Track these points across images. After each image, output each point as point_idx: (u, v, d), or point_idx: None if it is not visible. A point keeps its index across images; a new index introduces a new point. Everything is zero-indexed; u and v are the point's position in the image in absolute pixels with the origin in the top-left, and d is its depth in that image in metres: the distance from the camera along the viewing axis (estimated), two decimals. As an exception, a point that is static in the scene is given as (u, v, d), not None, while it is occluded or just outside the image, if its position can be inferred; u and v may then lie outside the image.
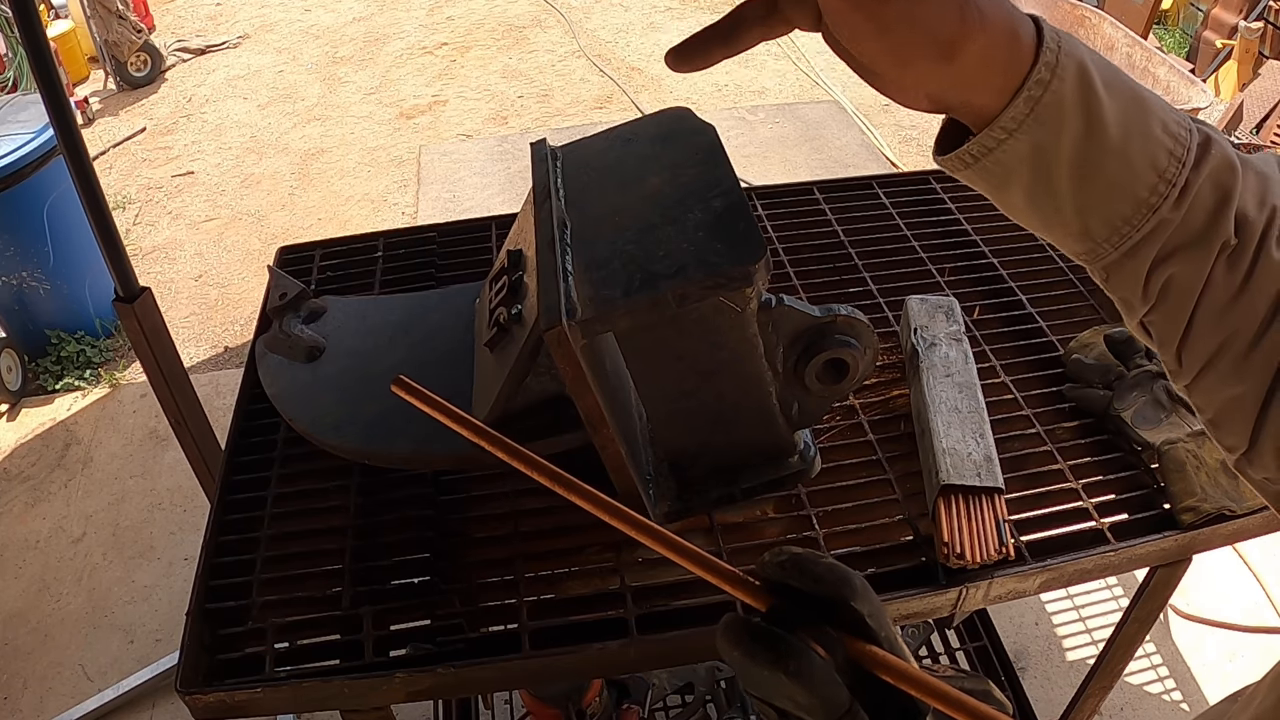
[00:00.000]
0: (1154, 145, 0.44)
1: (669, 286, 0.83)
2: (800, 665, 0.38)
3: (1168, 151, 0.44)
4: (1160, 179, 0.44)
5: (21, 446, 2.90)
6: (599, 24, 5.78)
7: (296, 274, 1.40)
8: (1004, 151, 0.44)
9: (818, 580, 0.41)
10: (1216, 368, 0.46)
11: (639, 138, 1.05)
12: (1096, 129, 0.43)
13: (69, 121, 1.46)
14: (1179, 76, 3.56)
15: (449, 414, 0.44)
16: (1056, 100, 0.42)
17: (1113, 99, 0.43)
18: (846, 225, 1.52)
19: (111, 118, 4.99)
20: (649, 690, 1.67)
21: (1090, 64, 0.43)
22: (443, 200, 4.10)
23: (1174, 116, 0.45)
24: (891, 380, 1.22)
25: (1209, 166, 0.44)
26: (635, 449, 0.98)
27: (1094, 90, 0.43)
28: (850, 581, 0.41)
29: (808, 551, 0.42)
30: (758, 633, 0.40)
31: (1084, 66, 0.43)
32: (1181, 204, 0.44)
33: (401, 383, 0.45)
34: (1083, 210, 0.45)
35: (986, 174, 0.45)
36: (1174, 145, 0.44)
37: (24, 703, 2.15)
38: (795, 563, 0.41)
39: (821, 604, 0.41)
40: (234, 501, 1.12)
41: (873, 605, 0.41)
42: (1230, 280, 0.45)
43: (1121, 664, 1.31)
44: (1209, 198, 0.44)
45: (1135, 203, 0.44)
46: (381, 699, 0.95)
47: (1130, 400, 1.10)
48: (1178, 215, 0.44)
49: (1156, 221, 0.44)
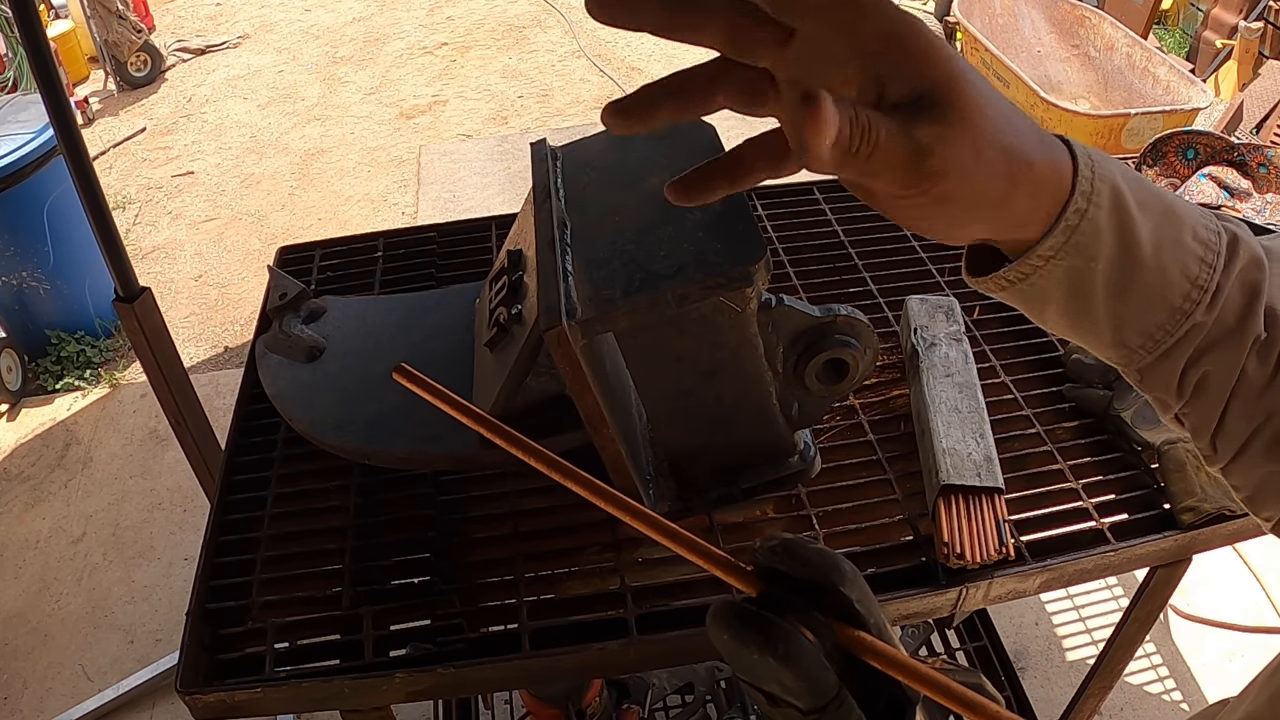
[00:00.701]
0: (1186, 254, 0.45)
1: (669, 286, 0.83)
2: (788, 649, 0.39)
3: (1199, 259, 0.45)
4: (1193, 286, 0.45)
5: (21, 446, 2.90)
6: (599, 24, 5.77)
7: (296, 274, 1.40)
8: (1040, 277, 0.44)
9: (807, 565, 0.41)
10: (1251, 451, 0.47)
11: (639, 137, 1.05)
12: (1131, 248, 0.44)
13: (69, 121, 1.46)
14: (1179, 76, 3.56)
15: (449, 401, 0.44)
16: (1093, 227, 0.43)
17: (1146, 217, 0.44)
18: (846, 225, 1.52)
19: (111, 118, 4.99)
20: (649, 690, 1.67)
21: (1123, 184, 0.44)
22: (443, 200, 4.10)
23: (1203, 221, 0.46)
24: (891, 380, 1.22)
25: (1238, 266, 0.45)
26: (635, 449, 0.98)
27: (1128, 212, 0.44)
28: (839, 566, 0.41)
29: (798, 537, 0.43)
30: (747, 617, 0.40)
31: (1117, 189, 0.44)
32: (1214, 307, 0.45)
33: (404, 370, 0.45)
34: (1118, 322, 0.46)
35: (1022, 296, 0.46)
36: (1204, 251, 0.45)
37: (24, 703, 2.15)
38: (785, 548, 0.42)
39: (811, 590, 0.41)
40: (234, 501, 1.12)
41: (861, 591, 0.41)
42: (1262, 371, 0.46)
43: (1121, 664, 1.31)
44: (1239, 297, 0.45)
45: (1169, 311, 0.45)
46: (381, 699, 0.95)
47: (1130, 400, 1.10)
48: (1210, 318, 0.45)
49: (1190, 326, 0.45)
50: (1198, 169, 1.34)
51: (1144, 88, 3.70)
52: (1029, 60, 3.95)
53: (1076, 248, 0.43)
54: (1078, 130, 3.42)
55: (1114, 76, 3.87)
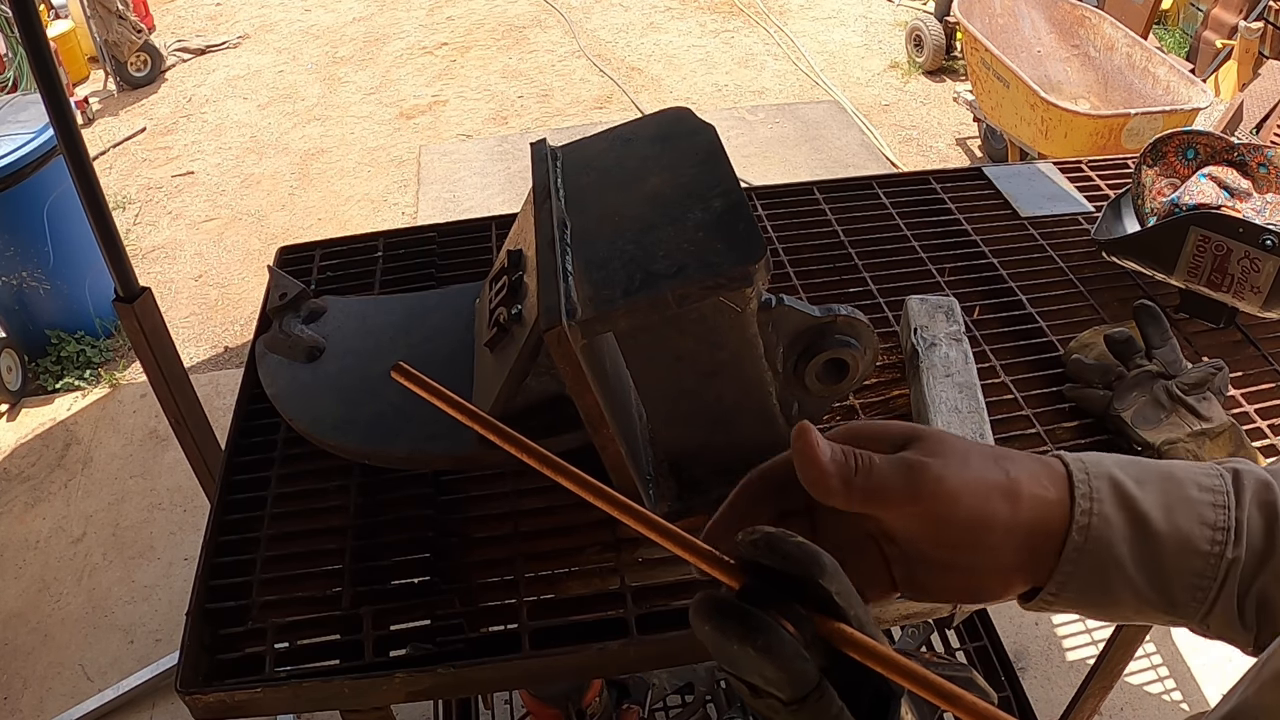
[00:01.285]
0: (1198, 507, 0.49)
1: (669, 286, 0.83)
2: (768, 641, 0.40)
3: (1210, 504, 0.49)
4: (1214, 530, 0.48)
5: (21, 446, 2.90)
6: (599, 24, 5.78)
7: (296, 274, 1.40)
8: (1075, 580, 0.48)
9: (787, 558, 0.42)
10: None
11: (639, 138, 1.05)
12: (1144, 524, 0.48)
13: (69, 121, 1.46)
14: (1179, 76, 3.56)
15: (447, 400, 0.45)
16: (1103, 521, 0.48)
17: (1147, 491, 0.49)
18: (846, 225, 1.52)
19: (111, 118, 4.99)
20: (649, 690, 1.67)
21: (1118, 471, 0.49)
22: (443, 200, 4.10)
23: (1201, 472, 0.50)
24: (891, 380, 1.22)
25: (1248, 495, 0.49)
26: (635, 449, 0.98)
27: (1129, 493, 0.48)
28: (818, 560, 0.42)
29: (779, 530, 0.43)
30: (727, 609, 0.41)
31: (1114, 479, 0.49)
32: (1240, 539, 0.48)
33: (402, 369, 0.45)
34: (1161, 587, 0.49)
35: (1070, 603, 0.50)
36: (1213, 497, 0.49)
37: (24, 703, 2.15)
38: (766, 541, 0.43)
39: (793, 583, 0.42)
40: (234, 501, 1.12)
41: (841, 584, 0.42)
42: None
43: (1121, 664, 1.32)
44: (1260, 520, 0.49)
45: (1201, 558, 0.48)
46: (381, 699, 0.95)
47: (1130, 400, 1.10)
48: (1241, 550, 0.48)
49: (1226, 565, 0.48)
50: (1198, 169, 1.34)
51: (1144, 88, 3.70)
52: (1029, 60, 3.95)
53: (1096, 543, 0.47)
54: (1078, 130, 3.42)
55: (1114, 76, 3.87)
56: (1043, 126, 3.55)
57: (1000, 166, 1.71)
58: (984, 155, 4.29)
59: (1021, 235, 1.50)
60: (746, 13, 5.83)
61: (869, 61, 5.25)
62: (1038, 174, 1.66)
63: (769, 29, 5.61)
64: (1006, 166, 1.72)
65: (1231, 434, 1.06)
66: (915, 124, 4.63)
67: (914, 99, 4.85)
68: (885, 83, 5.02)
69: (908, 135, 4.53)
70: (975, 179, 1.65)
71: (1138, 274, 1.36)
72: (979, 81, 3.94)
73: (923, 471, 0.46)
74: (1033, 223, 1.53)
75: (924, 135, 4.54)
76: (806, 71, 5.12)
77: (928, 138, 4.53)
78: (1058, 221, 1.53)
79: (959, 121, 4.58)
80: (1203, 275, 1.24)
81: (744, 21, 5.75)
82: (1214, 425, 1.06)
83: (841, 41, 5.48)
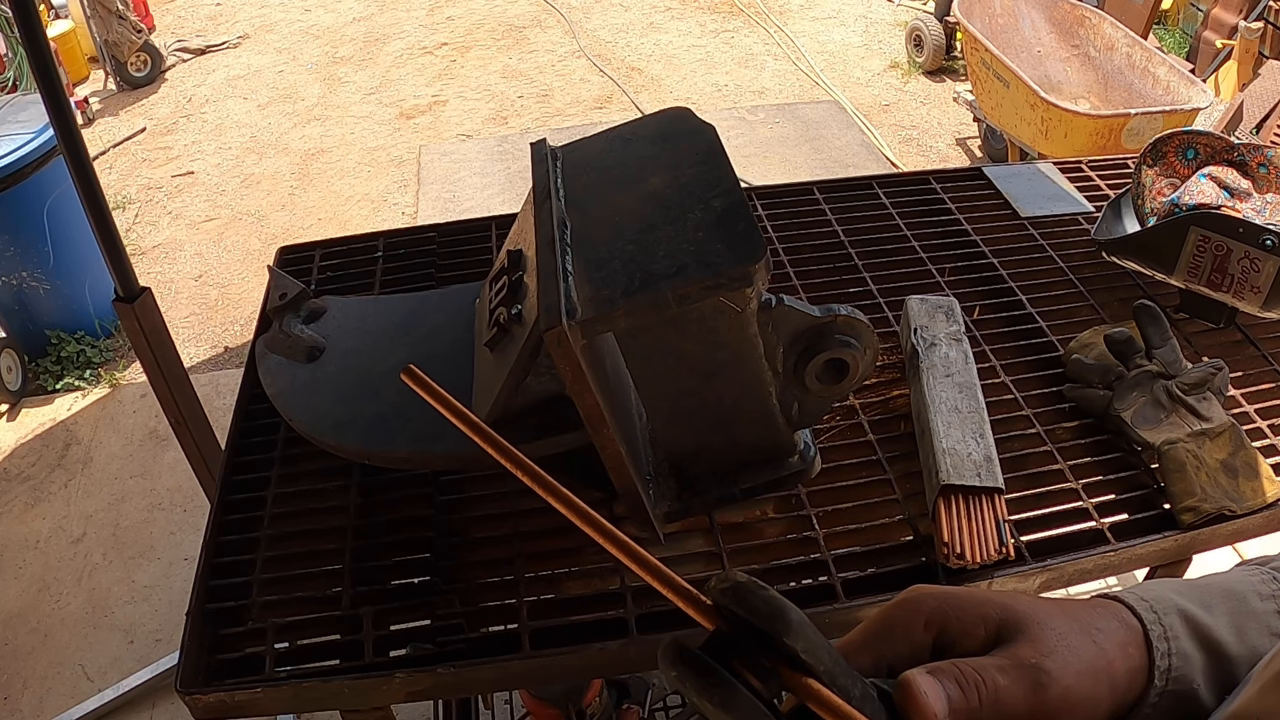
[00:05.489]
0: (1264, 619, 0.49)
1: (669, 286, 0.83)
2: (724, 697, 0.39)
3: (1274, 612, 0.49)
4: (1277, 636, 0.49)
5: (21, 446, 2.90)
6: (599, 24, 5.78)
7: (296, 274, 1.40)
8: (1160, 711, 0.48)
9: (753, 613, 0.41)
10: None
11: (639, 138, 1.05)
12: (1218, 651, 0.48)
13: (69, 121, 1.46)
14: (1179, 76, 3.56)
15: (453, 410, 0.44)
16: (1183, 659, 0.47)
17: (1215, 615, 0.48)
18: (846, 225, 1.52)
19: (111, 118, 4.99)
20: (649, 690, 1.67)
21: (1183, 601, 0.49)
22: (443, 200, 4.10)
23: (1257, 577, 0.51)
24: (891, 380, 1.22)
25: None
26: (635, 449, 0.98)
27: (1200, 624, 0.48)
28: (784, 616, 0.41)
29: (750, 581, 0.42)
30: (688, 659, 0.40)
31: (1183, 610, 0.48)
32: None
33: (411, 373, 0.45)
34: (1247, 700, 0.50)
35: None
36: (1275, 604, 0.49)
37: (24, 703, 2.15)
38: (735, 592, 0.42)
39: (763, 633, 0.42)
40: (234, 501, 1.12)
41: (807, 641, 0.41)
42: None
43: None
44: None
45: None
46: (381, 699, 0.95)
47: (1130, 400, 1.10)
48: None
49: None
50: (1198, 169, 1.34)
51: (1144, 88, 3.70)
52: (1029, 60, 3.95)
53: (1177, 683, 0.47)
54: (1078, 130, 3.42)
55: (1114, 76, 3.87)
56: (1043, 126, 3.55)
57: (1000, 166, 1.71)
58: (984, 155, 4.29)
59: (1021, 235, 1.50)
60: (746, 13, 5.83)
61: (869, 61, 5.25)
62: (1038, 174, 1.66)
63: (769, 29, 5.62)
64: (1006, 166, 1.72)
65: (1231, 434, 1.06)
66: (915, 124, 4.63)
67: (914, 99, 4.85)
68: (885, 83, 5.02)
69: (908, 135, 4.54)
70: (975, 179, 1.65)
71: (1138, 274, 1.36)
72: (979, 81, 3.94)
73: (1050, 687, 0.43)
74: (1033, 223, 1.53)
75: (924, 135, 4.54)
76: (806, 71, 5.12)
77: (928, 138, 4.53)
78: (1058, 221, 1.53)
79: (959, 121, 4.58)
80: (1203, 275, 1.24)
81: (744, 21, 5.75)
82: (1214, 425, 1.06)
83: (841, 41, 5.48)
